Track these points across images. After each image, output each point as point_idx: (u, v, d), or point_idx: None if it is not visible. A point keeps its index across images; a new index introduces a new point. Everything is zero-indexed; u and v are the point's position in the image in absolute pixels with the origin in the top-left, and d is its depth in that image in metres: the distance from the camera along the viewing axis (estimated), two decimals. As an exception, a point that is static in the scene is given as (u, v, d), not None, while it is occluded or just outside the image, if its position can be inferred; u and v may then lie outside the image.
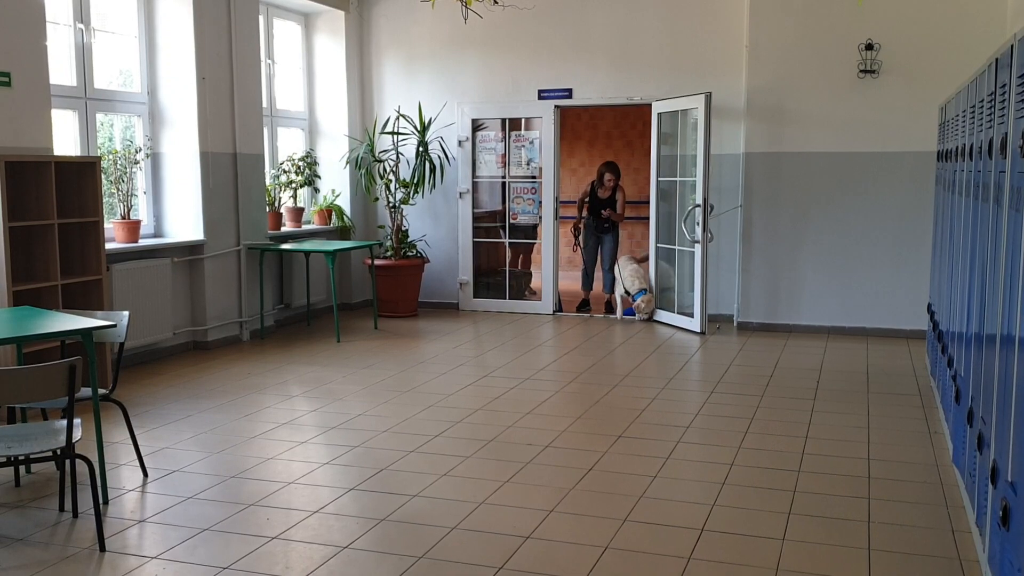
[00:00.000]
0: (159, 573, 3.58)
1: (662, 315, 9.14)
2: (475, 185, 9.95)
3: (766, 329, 8.42)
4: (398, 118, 9.61)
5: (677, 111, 8.89)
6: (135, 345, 7.05)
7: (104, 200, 6.56)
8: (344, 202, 9.93)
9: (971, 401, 4.03)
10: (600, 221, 9.75)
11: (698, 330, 8.55)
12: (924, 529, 3.96)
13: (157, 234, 7.87)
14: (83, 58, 7.02)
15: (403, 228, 9.67)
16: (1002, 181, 3.29)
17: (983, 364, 3.69)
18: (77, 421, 3.96)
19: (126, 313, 4.67)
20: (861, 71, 8.19)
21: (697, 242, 8.51)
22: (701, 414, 5.89)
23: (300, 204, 9.58)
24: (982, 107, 4.02)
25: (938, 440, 5.22)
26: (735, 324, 8.85)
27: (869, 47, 8.14)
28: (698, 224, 8.45)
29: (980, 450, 3.59)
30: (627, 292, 9.25)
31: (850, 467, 4.77)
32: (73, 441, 3.86)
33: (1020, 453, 2.72)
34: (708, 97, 8.29)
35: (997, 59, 3.56)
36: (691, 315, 8.68)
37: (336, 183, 9.91)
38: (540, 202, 9.70)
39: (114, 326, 4.39)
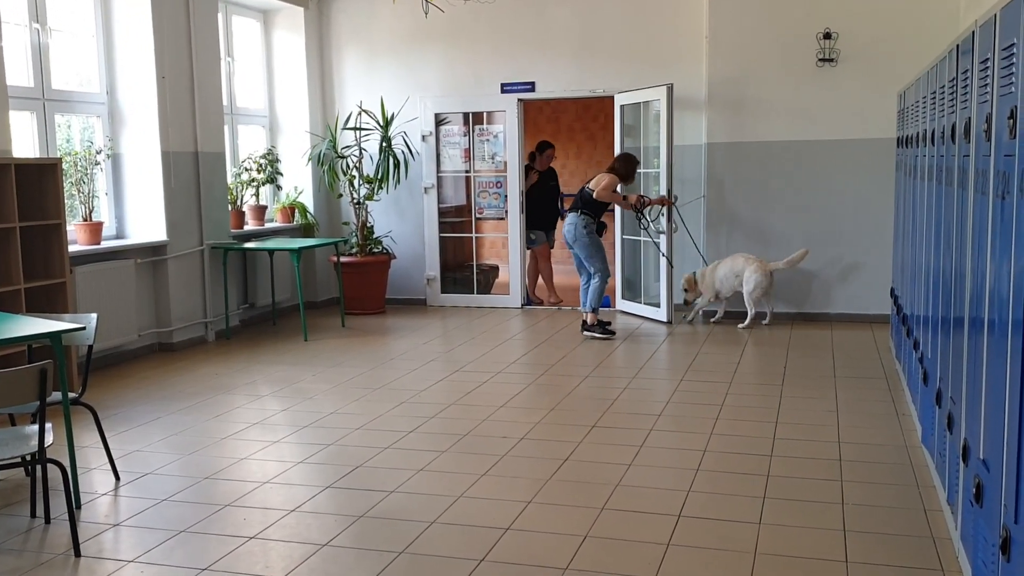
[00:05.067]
0: (137, 576, 3.56)
1: (629, 306, 9.19)
2: (440, 180, 9.94)
3: (731, 317, 8.48)
4: (360, 113, 9.56)
5: (639, 103, 8.94)
6: (100, 348, 6.94)
7: (66, 202, 6.46)
8: (307, 199, 9.87)
9: (939, 382, 4.11)
10: (603, 224, 8.54)
11: (665, 319, 8.61)
12: (897, 509, 4.02)
13: (120, 235, 7.77)
14: (40, 58, 6.90)
15: (368, 224, 9.63)
16: (966, 165, 3.35)
17: (951, 345, 3.76)
18: (48, 426, 3.91)
19: (94, 315, 4.61)
20: (820, 60, 8.29)
21: (662, 233, 8.56)
22: (672, 402, 5.94)
23: (263, 202, 9.50)
24: (943, 93, 4.09)
25: (906, 421, 5.31)
26: (700, 313, 8.91)
27: (827, 36, 8.24)
28: (662, 215, 8.50)
29: (950, 430, 3.66)
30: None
31: (821, 450, 4.84)
32: (45, 446, 3.81)
33: (991, 431, 2.79)
34: (670, 89, 8.34)
35: (958, 45, 3.63)
36: (658, 305, 8.74)
37: (299, 180, 9.85)
38: (506, 196, 9.71)
39: (83, 328, 4.33)
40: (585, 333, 8.03)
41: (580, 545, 3.71)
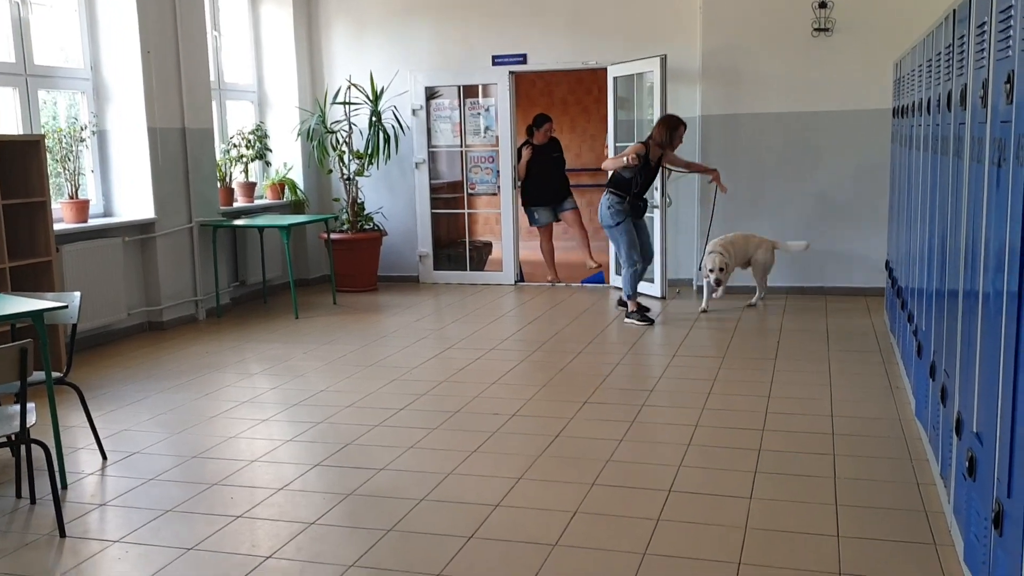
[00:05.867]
0: (121, 556, 3.51)
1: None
2: (432, 155, 9.84)
3: (725, 291, 8.42)
4: (349, 88, 9.45)
5: (633, 75, 8.84)
6: (89, 327, 6.90)
7: (51, 180, 6.37)
8: (297, 175, 9.77)
9: (933, 355, 4.06)
10: (646, 202, 7.84)
11: (659, 295, 8.56)
12: (889, 483, 3.99)
13: (107, 213, 7.69)
14: (21, 33, 6.79)
15: (359, 201, 9.54)
16: (962, 133, 3.29)
17: (945, 318, 3.71)
18: (31, 406, 3.86)
19: (77, 294, 4.55)
20: (815, 29, 8.19)
21: (656, 207, 8.49)
22: (665, 377, 5.89)
23: (252, 179, 9.40)
24: (939, 61, 4.02)
25: (900, 395, 5.27)
26: (695, 288, 8.86)
27: (823, 5, 8.13)
28: (656, 189, 8.42)
29: (943, 403, 3.62)
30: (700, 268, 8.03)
31: (814, 424, 4.80)
32: (27, 426, 3.75)
33: (985, 404, 2.74)
34: (663, 60, 8.24)
35: (955, 10, 3.55)
36: (651, 280, 8.67)
37: (288, 156, 9.75)
38: (498, 172, 9.61)
39: (65, 307, 4.27)
40: (626, 320, 7.56)
41: (570, 521, 3.67)
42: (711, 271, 7.76)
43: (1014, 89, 2.39)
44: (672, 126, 7.53)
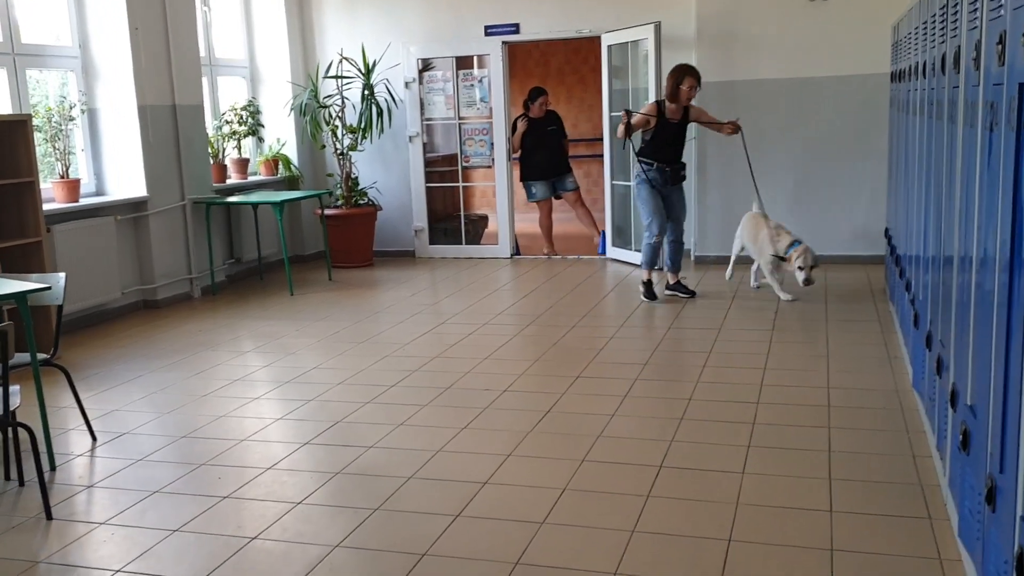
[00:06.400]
0: (107, 539, 3.47)
1: (619, 253, 9.04)
2: (426, 128, 9.74)
3: (723, 262, 8.34)
4: (341, 61, 9.33)
5: (627, 43, 8.71)
6: (83, 307, 6.85)
7: (42, 160, 6.29)
8: (290, 151, 9.68)
9: (930, 325, 3.99)
10: (676, 169, 7.12)
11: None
12: (885, 456, 3.93)
13: (99, 192, 7.62)
14: (7, 12, 6.69)
15: (352, 175, 9.46)
16: (955, 97, 3.20)
17: (941, 287, 3.64)
18: (15, 388, 3.81)
19: (62, 274, 4.49)
20: (812, -6, 8.07)
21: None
22: (659, 350, 5.83)
23: (245, 155, 9.31)
24: (934, 22, 3.92)
25: (898, 365, 5.20)
26: (692, 258, 8.78)
27: (819, -30, 8.00)
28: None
29: (939, 374, 3.55)
30: (776, 256, 6.98)
31: (809, 396, 4.74)
32: (12, 409, 3.71)
33: (979, 376, 2.67)
34: (658, 27, 8.12)
35: (948, -29, 3.45)
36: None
37: (281, 132, 9.65)
38: (493, 144, 9.51)
39: (48, 288, 4.21)
40: (666, 292, 7.30)
41: (558, 498, 3.62)
42: (800, 268, 6.78)
43: (1006, 50, 2.30)
44: (677, 77, 6.84)
